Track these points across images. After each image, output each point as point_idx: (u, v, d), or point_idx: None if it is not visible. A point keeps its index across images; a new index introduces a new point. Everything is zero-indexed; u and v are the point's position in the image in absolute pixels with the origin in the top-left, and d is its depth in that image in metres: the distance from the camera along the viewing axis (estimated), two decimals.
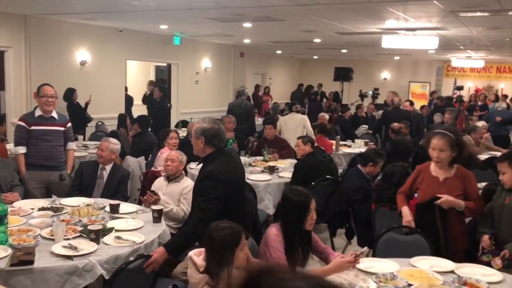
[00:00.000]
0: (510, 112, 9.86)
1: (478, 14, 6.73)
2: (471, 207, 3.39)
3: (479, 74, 16.90)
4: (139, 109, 11.41)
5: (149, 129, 8.11)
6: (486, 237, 3.33)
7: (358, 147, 8.04)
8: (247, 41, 12.49)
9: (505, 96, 13.51)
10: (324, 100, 16.18)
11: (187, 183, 4.21)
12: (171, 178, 4.29)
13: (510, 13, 6.53)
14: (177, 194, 4.16)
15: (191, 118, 8.39)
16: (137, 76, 14.05)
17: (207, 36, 11.68)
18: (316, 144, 6.26)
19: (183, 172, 4.44)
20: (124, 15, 8.14)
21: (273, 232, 2.87)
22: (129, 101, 11.14)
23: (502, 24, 7.48)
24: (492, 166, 6.29)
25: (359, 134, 10.06)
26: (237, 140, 6.81)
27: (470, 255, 3.43)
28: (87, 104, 9.19)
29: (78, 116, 8.73)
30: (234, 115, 7.88)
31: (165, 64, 12.87)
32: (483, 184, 4.29)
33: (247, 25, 8.85)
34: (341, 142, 8.07)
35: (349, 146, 8.19)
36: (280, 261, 2.76)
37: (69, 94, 8.87)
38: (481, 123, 8.04)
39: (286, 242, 2.85)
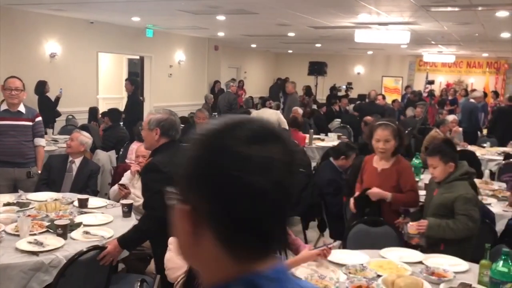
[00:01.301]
0: (479, 104, 10.06)
1: (449, 9, 6.84)
2: (400, 198, 3.43)
3: (450, 69, 17.22)
4: (112, 103, 11.25)
5: (121, 123, 8.01)
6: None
7: (331, 140, 8.09)
8: (221, 34, 12.41)
9: (474, 91, 13.79)
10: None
11: None
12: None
13: (479, 8, 6.66)
14: None
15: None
16: (110, 69, 13.82)
17: (181, 28, 11.56)
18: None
19: None
20: (95, 6, 7.98)
21: None
22: None
23: (471, 19, 7.63)
24: (461, 158, 6.44)
25: (332, 128, 10.13)
26: None
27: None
28: (58, 98, 8.97)
29: (48, 110, 8.52)
30: (220, 107, 8.08)
31: (138, 57, 12.69)
32: None
33: (221, 17, 8.79)
34: (314, 136, 8.11)
35: (323, 140, 8.24)
36: None
37: (41, 87, 8.64)
38: (451, 117, 8.19)
39: None
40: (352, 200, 3.64)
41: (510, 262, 2.20)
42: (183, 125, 8.51)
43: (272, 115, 8.05)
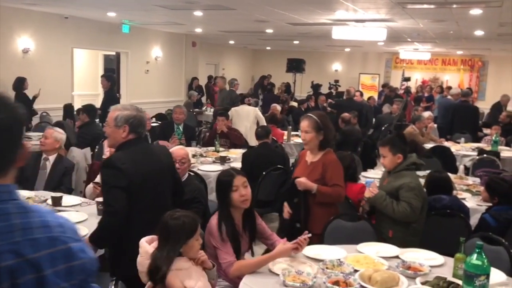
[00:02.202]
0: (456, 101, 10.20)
1: (425, 6, 6.91)
2: (325, 192, 3.43)
3: (426, 66, 17.46)
4: (87, 99, 11.06)
5: (97, 120, 7.88)
6: None
7: None
8: (198, 30, 12.32)
9: (449, 88, 14.00)
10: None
11: None
12: None
13: (454, 6, 6.75)
14: None
15: (141, 109, 8.21)
16: (85, 66, 13.59)
17: (157, 24, 11.44)
18: None
19: None
20: (69, 0, 7.83)
21: (214, 221, 2.86)
22: None
23: (446, 17, 7.73)
24: (437, 154, 6.55)
25: None
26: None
27: None
28: (35, 97, 8.81)
29: (25, 107, 8.33)
30: (224, 104, 8.21)
31: (114, 53, 12.51)
32: (427, 171, 4.41)
33: (198, 13, 8.71)
34: (293, 132, 8.13)
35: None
36: (221, 249, 2.77)
37: (19, 84, 8.48)
38: (427, 113, 8.30)
39: (226, 225, 2.84)
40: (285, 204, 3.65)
41: (483, 255, 2.23)
42: (160, 122, 8.47)
43: (250, 111, 8.03)
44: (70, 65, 10.46)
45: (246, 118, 7.87)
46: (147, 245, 2.48)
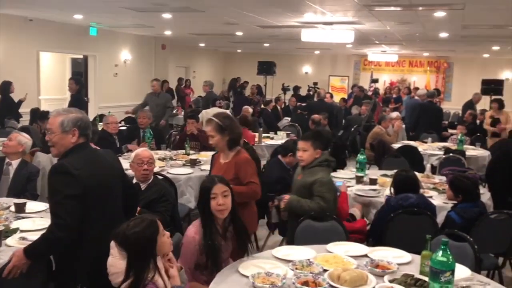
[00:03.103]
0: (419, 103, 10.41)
1: (392, 8, 7.03)
2: (239, 190, 3.37)
3: (393, 68, 17.78)
4: (54, 104, 10.83)
5: None
6: None
7: (280, 139, 8.15)
8: (168, 33, 12.22)
9: (416, 89, 14.28)
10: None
11: None
12: None
13: (420, 8, 6.89)
14: None
15: (109, 112, 8.07)
16: (52, 69, 13.30)
17: (126, 27, 11.29)
18: None
19: None
20: (32, 2, 7.64)
21: (191, 234, 2.83)
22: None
23: (412, 19, 7.88)
24: (404, 154, 6.66)
25: (281, 127, 10.22)
26: None
27: None
28: (20, 101, 8.69)
29: (11, 112, 8.34)
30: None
31: (81, 57, 12.28)
32: (395, 171, 4.47)
33: (167, 16, 8.64)
34: (264, 134, 8.16)
35: (272, 138, 8.29)
36: (185, 265, 2.76)
37: (6, 87, 8.37)
38: (394, 114, 8.45)
39: (205, 234, 2.82)
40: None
41: (448, 251, 2.26)
42: (128, 126, 8.34)
43: None
44: (36, 68, 10.22)
45: None
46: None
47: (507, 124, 8.65)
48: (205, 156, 6.09)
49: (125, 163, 5.21)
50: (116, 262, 2.40)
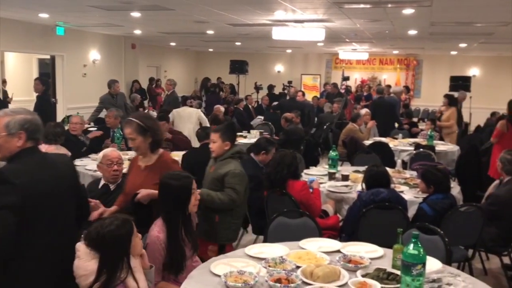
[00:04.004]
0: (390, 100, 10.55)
1: (361, 6, 7.07)
2: None
3: (364, 66, 17.97)
4: (21, 105, 10.51)
5: None
6: None
7: (254, 137, 8.12)
8: (138, 32, 12.03)
9: (389, 86, 14.47)
10: (221, 92, 16.21)
11: None
12: None
13: (389, 5, 6.95)
14: None
15: (77, 112, 7.90)
16: (18, 70, 12.96)
17: (94, 26, 11.07)
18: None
19: None
20: None
21: (154, 233, 2.77)
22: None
23: (381, 16, 7.96)
24: (376, 150, 6.73)
25: (255, 125, 10.20)
26: None
27: None
28: (8, 103, 8.42)
29: None
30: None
31: (49, 57, 11.99)
32: (366, 167, 4.50)
33: (136, 14, 8.50)
34: (237, 133, 8.11)
35: (245, 137, 8.26)
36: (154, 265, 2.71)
37: None
38: (363, 111, 8.54)
39: (170, 233, 2.76)
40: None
41: (419, 244, 2.27)
42: (97, 126, 8.17)
43: (192, 113, 7.94)
44: None
45: (189, 119, 7.78)
46: (86, 247, 2.38)
47: (449, 121, 8.75)
48: (176, 156, 5.99)
49: (92, 164, 5.12)
50: (83, 264, 2.34)
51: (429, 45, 13.18)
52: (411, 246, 2.27)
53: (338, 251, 2.93)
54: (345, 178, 5.01)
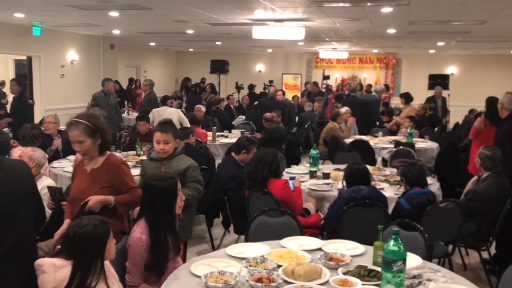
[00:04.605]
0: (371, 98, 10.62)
1: (340, 4, 7.10)
2: (125, 199, 3.09)
3: (344, 65, 18.09)
4: None
5: (7, 128, 7.39)
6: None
7: (235, 137, 8.09)
8: (116, 32, 11.89)
9: (370, 85, 14.58)
10: (203, 93, 16.14)
11: (45, 183, 3.83)
12: None
13: (368, 4, 6.99)
14: None
15: (55, 114, 7.75)
16: None
17: (72, 26, 10.90)
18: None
19: (41, 171, 4.05)
20: None
21: (137, 235, 2.72)
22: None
23: (360, 15, 8.01)
24: (356, 148, 6.76)
25: (236, 125, 10.17)
26: None
27: None
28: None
29: None
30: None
31: (25, 58, 11.77)
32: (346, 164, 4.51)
33: (114, 14, 8.40)
34: (218, 133, 8.09)
35: (226, 137, 8.23)
36: (135, 267, 2.68)
37: None
38: (344, 109, 8.58)
39: (154, 235, 2.72)
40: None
41: (399, 240, 2.27)
42: None
43: (172, 113, 7.85)
44: None
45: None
46: (50, 259, 2.29)
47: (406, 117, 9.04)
48: None
49: (69, 166, 5.02)
50: (51, 276, 2.23)
51: (407, 43, 13.31)
52: (391, 242, 2.27)
53: (319, 249, 2.93)
54: (326, 176, 5.02)
